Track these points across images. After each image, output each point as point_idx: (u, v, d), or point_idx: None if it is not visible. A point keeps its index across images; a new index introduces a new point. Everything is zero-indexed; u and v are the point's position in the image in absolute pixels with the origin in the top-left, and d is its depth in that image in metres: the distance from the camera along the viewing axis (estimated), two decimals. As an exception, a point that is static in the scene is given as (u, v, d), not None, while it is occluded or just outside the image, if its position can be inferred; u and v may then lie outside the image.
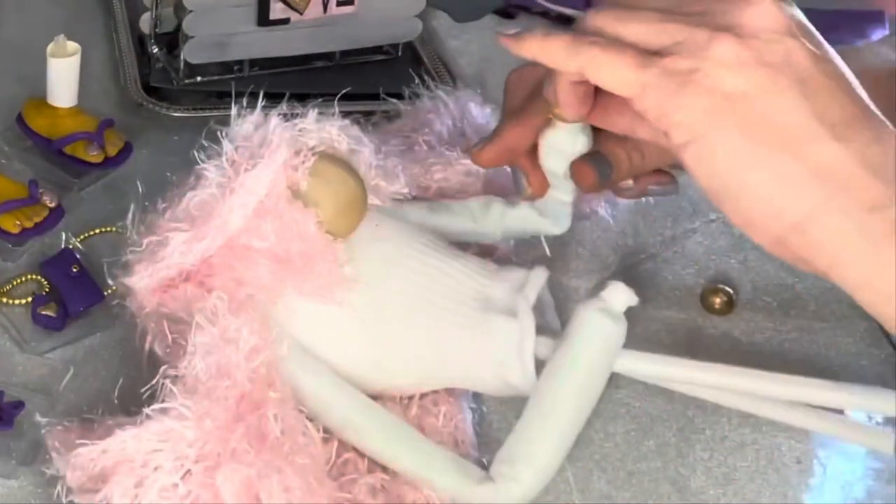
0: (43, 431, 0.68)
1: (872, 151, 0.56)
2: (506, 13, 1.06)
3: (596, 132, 0.71)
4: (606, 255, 0.85)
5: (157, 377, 0.65)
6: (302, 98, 0.81)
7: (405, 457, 0.67)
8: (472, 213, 0.78)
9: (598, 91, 0.65)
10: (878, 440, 0.72)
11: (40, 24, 1.00)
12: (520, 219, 0.78)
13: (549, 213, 0.78)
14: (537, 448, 0.67)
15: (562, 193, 0.75)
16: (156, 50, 0.96)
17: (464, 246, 0.77)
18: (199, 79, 0.95)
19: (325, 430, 0.67)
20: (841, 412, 0.72)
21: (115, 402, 0.71)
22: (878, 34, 1.08)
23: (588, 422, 0.70)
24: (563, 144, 0.72)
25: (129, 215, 0.71)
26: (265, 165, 0.68)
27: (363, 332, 0.69)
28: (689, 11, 0.60)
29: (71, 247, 0.81)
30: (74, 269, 0.79)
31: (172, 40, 0.95)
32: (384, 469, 0.68)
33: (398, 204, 0.75)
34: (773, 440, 0.74)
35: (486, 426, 0.73)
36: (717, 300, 0.81)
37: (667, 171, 0.74)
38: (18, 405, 0.71)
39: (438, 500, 0.67)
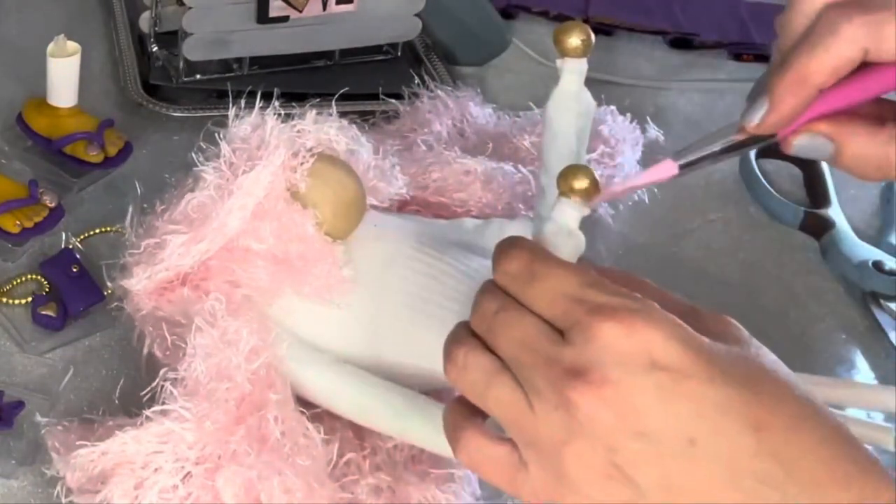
0: (43, 431, 0.68)
1: None
2: (506, 13, 1.06)
3: None
4: (606, 255, 0.85)
5: (158, 379, 0.65)
6: (301, 98, 0.81)
7: (418, 429, 0.66)
8: (470, 230, 0.78)
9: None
10: (878, 436, 0.72)
11: (40, 24, 1.00)
12: (519, 232, 0.78)
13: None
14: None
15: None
16: (155, 48, 0.96)
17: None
18: (198, 77, 0.95)
19: (327, 431, 0.67)
20: (841, 410, 0.72)
21: (116, 402, 0.71)
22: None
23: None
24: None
25: (128, 216, 0.71)
26: (263, 167, 0.67)
27: (362, 333, 0.69)
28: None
29: (71, 247, 0.81)
30: (74, 269, 0.79)
31: (172, 39, 0.95)
32: (387, 470, 0.67)
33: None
34: (773, 440, 0.74)
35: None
36: None
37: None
38: (18, 405, 0.71)
39: (441, 500, 0.66)
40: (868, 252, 0.85)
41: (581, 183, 0.57)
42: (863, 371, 0.79)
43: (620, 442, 0.50)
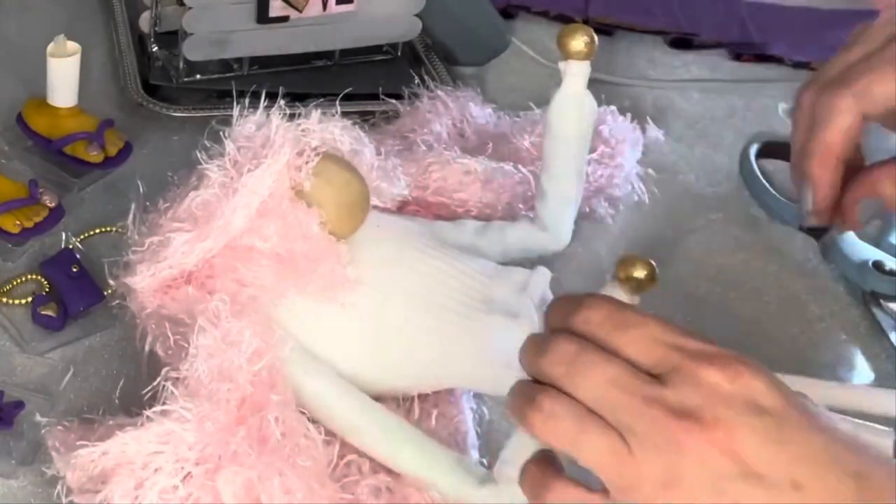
0: (43, 431, 0.68)
1: None
2: (506, 13, 1.06)
3: None
4: (605, 255, 0.85)
5: (159, 379, 0.65)
6: (301, 98, 0.81)
7: (408, 458, 0.67)
8: (471, 232, 0.78)
9: None
10: (877, 441, 0.72)
11: (40, 24, 1.00)
12: (520, 234, 0.78)
13: (550, 228, 0.79)
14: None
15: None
16: (155, 48, 0.96)
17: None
18: (198, 76, 0.95)
19: (328, 432, 0.67)
20: (841, 412, 0.72)
21: (116, 402, 0.71)
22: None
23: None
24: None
25: (130, 215, 0.71)
26: (268, 166, 0.68)
27: (365, 332, 0.69)
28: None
29: (71, 247, 0.81)
30: (74, 269, 0.79)
31: (172, 39, 0.95)
32: (388, 471, 0.67)
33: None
34: (774, 440, 0.74)
35: (486, 426, 0.73)
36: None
37: None
38: (18, 405, 0.71)
39: (442, 502, 0.67)
40: (868, 252, 0.85)
41: (639, 273, 0.59)
42: (863, 371, 0.79)
43: (728, 483, 0.51)
